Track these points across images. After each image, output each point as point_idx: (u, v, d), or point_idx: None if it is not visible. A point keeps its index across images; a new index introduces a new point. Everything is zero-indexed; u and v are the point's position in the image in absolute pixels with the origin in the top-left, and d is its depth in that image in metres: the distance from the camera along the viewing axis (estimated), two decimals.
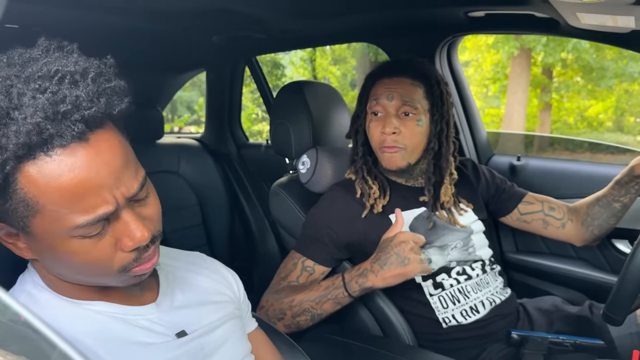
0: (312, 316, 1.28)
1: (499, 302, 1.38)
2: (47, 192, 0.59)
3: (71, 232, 0.61)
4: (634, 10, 0.95)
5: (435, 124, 1.36)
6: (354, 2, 1.43)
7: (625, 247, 1.63)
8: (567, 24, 1.27)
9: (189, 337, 0.79)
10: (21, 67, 0.62)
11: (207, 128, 2.65)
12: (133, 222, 0.65)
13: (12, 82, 0.59)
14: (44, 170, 0.59)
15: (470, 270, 1.39)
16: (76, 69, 0.62)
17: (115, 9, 1.41)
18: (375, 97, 1.35)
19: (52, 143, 0.58)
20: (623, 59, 8.45)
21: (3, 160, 0.57)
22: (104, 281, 0.70)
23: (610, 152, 6.09)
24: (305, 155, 1.57)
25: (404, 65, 1.38)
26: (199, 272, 0.90)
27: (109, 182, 0.62)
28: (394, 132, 1.32)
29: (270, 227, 2.39)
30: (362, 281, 1.23)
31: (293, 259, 1.39)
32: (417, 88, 1.34)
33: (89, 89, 0.61)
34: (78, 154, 0.60)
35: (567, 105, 10.63)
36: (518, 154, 1.89)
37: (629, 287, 1.02)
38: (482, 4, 1.40)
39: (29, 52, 0.64)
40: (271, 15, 1.56)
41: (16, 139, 0.57)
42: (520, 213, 1.53)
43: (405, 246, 1.21)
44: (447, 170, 1.40)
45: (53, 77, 0.60)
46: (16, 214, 0.61)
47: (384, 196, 1.40)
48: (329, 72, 11.49)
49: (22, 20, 1.44)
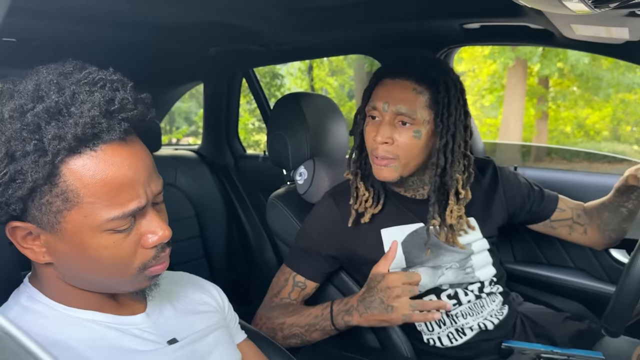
0: (302, 340, 1.27)
1: (491, 327, 1.31)
2: (89, 186, 0.64)
3: (104, 225, 0.66)
4: (628, 21, 0.96)
5: (439, 136, 1.21)
6: (349, 15, 1.44)
7: (622, 256, 1.63)
8: (561, 35, 1.28)
9: (180, 344, 0.81)
10: (64, 75, 0.67)
11: (204, 139, 2.65)
12: (156, 220, 0.71)
13: (63, 84, 0.65)
14: (90, 165, 0.64)
15: (463, 295, 1.31)
16: (116, 78, 0.68)
17: (113, 22, 1.42)
18: (373, 102, 1.24)
19: (100, 138, 0.65)
20: (619, 69, 8.51)
21: (57, 151, 0.62)
22: (118, 283, 0.73)
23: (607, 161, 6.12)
24: (303, 167, 1.57)
25: (410, 66, 1.24)
26: (184, 284, 0.93)
27: (143, 179, 0.69)
28: (386, 141, 1.21)
29: (268, 239, 2.38)
30: (347, 318, 1.20)
31: (284, 274, 1.37)
32: (419, 95, 1.20)
33: (130, 95, 0.68)
34: (120, 151, 0.67)
35: (564, 115, 10.68)
36: (515, 164, 1.90)
37: (626, 298, 1.02)
38: (477, 16, 1.41)
39: (65, 67, 0.69)
40: (267, 28, 1.57)
41: (74, 129, 0.62)
42: (551, 220, 1.44)
43: (391, 292, 1.12)
44: (452, 189, 1.25)
45: (97, 83, 0.67)
46: (50, 209, 0.65)
47: (376, 205, 1.32)
48: (327, 83, 11.54)
49: (21, 34, 1.45)
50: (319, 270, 1.36)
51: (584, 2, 0.71)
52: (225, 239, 2.41)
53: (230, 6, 1.36)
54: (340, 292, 1.43)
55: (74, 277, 0.72)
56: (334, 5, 1.38)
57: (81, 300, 0.74)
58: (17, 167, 0.62)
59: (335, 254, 1.36)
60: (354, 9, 1.39)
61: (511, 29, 1.45)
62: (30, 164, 0.62)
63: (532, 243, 1.77)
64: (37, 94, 0.65)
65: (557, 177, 1.81)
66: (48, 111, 0.63)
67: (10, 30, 1.39)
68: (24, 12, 1.23)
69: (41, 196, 0.65)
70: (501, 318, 1.34)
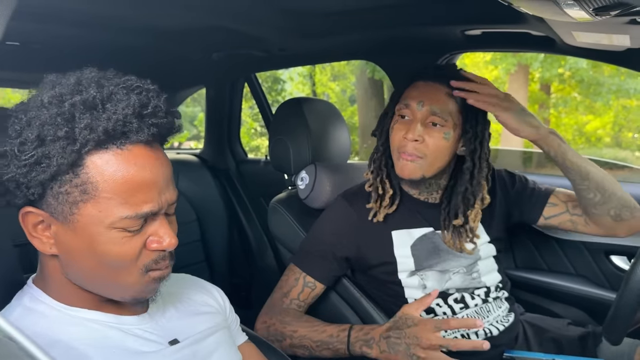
0: (309, 353, 1.26)
1: (497, 333, 1.31)
2: (109, 181, 0.67)
3: (116, 222, 0.68)
4: (629, 29, 0.96)
5: (468, 142, 1.27)
6: (351, 21, 1.45)
7: (624, 263, 1.63)
8: (563, 42, 1.29)
9: (181, 345, 0.82)
10: (105, 78, 0.71)
11: (206, 144, 2.66)
12: (165, 227, 0.73)
13: (103, 83, 0.69)
14: (113, 161, 0.67)
15: (470, 299, 1.32)
16: (152, 88, 0.72)
17: (116, 27, 1.43)
18: (406, 101, 1.27)
19: (128, 137, 0.68)
20: (620, 76, 8.52)
21: (86, 141, 0.65)
22: (119, 287, 0.73)
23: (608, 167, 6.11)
24: (304, 171, 1.57)
25: (444, 71, 1.30)
26: (186, 285, 0.94)
27: (161, 185, 0.71)
28: (417, 139, 1.23)
29: (269, 243, 2.38)
30: (366, 350, 1.17)
31: (294, 273, 1.37)
32: (451, 99, 1.25)
33: (163, 104, 0.71)
34: (144, 153, 0.69)
35: (565, 121, 10.68)
36: (517, 170, 1.89)
37: (626, 307, 1.02)
38: (478, 23, 1.42)
39: (107, 72, 0.73)
40: (270, 33, 1.57)
41: (106, 124, 0.65)
42: (545, 218, 1.40)
43: (419, 342, 1.08)
44: (479, 193, 1.30)
45: (135, 89, 0.70)
46: (67, 199, 0.67)
47: (391, 205, 1.34)
48: (329, 88, 11.56)
49: (23, 37, 1.45)
50: (329, 273, 1.36)
51: (585, 10, 0.72)
52: (226, 243, 2.41)
53: (233, 12, 1.37)
54: (342, 298, 1.42)
55: (77, 274, 0.73)
56: (336, 12, 1.38)
57: (83, 299, 0.75)
58: (45, 150, 0.64)
59: (349, 255, 1.36)
60: (356, 15, 1.40)
61: (513, 36, 1.46)
62: (58, 149, 0.64)
63: (533, 249, 1.76)
64: (77, 87, 0.68)
65: (559, 184, 1.80)
66: (85, 103, 0.66)
67: (13, 34, 1.40)
68: (27, 16, 1.23)
69: (61, 184, 0.67)
70: (507, 325, 1.34)
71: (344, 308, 1.42)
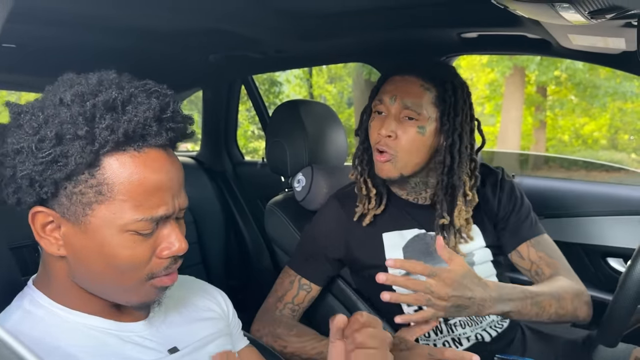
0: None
1: (488, 339, 1.29)
2: (125, 183, 0.67)
3: (129, 225, 0.68)
4: (624, 32, 0.97)
5: (445, 135, 1.23)
6: (348, 23, 1.45)
7: (620, 265, 1.63)
8: (559, 45, 1.29)
9: (180, 353, 0.80)
10: (125, 80, 0.71)
11: (203, 146, 2.65)
12: (176, 233, 0.73)
13: (123, 85, 0.69)
14: (130, 163, 0.67)
15: None
16: (169, 93, 0.72)
17: (112, 29, 1.43)
18: (380, 96, 1.26)
19: (146, 141, 0.68)
20: (616, 78, 8.55)
21: (105, 142, 0.65)
22: (124, 291, 0.73)
23: (605, 169, 6.13)
24: (301, 174, 1.57)
25: (418, 64, 1.28)
26: (189, 290, 0.92)
27: (175, 190, 0.71)
28: (389, 135, 1.21)
29: (266, 246, 2.38)
30: None
31: (289, 276, 1.36)
32: (426, 92, 1.21)
33: (180, 109, 0.72)
34: (161, 157, 0.70)
35: (562, 123, 10.73)
36: (513, 172, 1.90)
37: (621, 309, 1.02)
38: (474, 26, 1.42)
39: (124, 76, 0.73)
40: (267, 35, 1.57)
41: (126, 125, 0.65)
42: (511, 260, 1.34)
43: None
44: (460, 189, 1.25)
45: (153, 94, 0.70)
46: (81, 200, 0.66)
47: (378, 205, 1.31)
48: (325, 91, 11.57)
49: (19, 40, 1.45)
50: (323, 274, 1.36)
51: (580, 13, 0.72)
52: (223, 245, 2.40)
53: (229, 13, 1.37)
54: (338, 300, 1.43)
55: (84, 276, 0.72)
56: (332, 13, 1.38)
57: (85, 303, 0.74)
58: (63, 149, 0.64)
59: (341, 257, 1.35)
60: (353, 17, 1.40)
61: (509, 39, 1.46)
62: (76, 148, 0.64)
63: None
64: (99, 87, 0.68)
65: (555, 186, 1.81)
66: (106, 104, 0.66)
67: (9, 36, 1.39)
68: (23, 18, 1.23)
69: (76, 184, 0.66)
70: (500, 330, 1.32)
71: (340, 310, 1.42)
